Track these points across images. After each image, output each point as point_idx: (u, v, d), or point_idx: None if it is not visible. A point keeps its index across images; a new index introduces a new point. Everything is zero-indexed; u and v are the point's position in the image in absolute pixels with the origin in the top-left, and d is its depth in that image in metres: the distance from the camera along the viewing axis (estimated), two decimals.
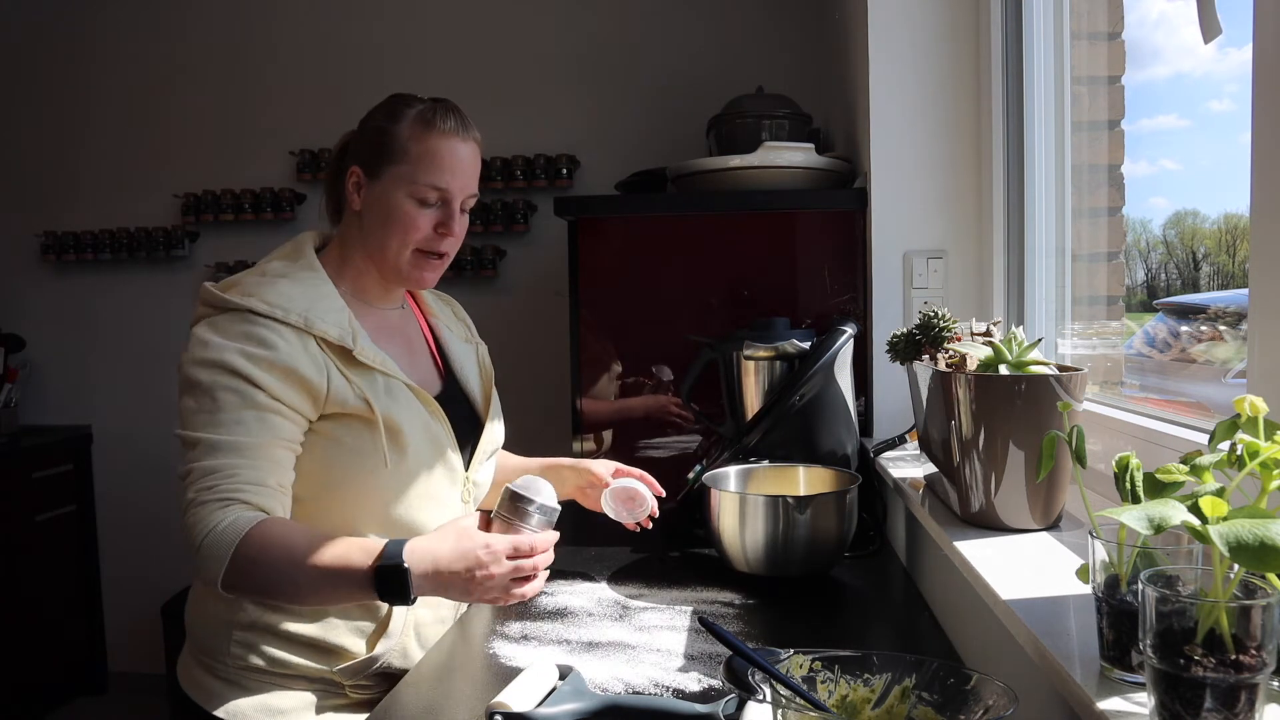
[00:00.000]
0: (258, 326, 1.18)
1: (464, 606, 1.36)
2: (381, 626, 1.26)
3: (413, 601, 1.09)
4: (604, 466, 1.52)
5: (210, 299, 1.23)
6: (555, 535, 1.17)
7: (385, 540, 1.11)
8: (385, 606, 1.26)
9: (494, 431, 1.45)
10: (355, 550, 1.10)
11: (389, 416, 1.23)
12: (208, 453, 1.13)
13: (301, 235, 1.37)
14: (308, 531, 1.13)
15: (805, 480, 1.53)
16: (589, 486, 1.50)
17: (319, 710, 1.25)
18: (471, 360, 1.49)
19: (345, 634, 1.25)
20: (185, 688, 1.27)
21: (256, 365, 1.16)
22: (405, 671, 1.17)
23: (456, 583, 1.09)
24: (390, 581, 1.07)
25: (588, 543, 1.63)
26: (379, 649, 1.25)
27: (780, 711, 0.73)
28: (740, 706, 0.91)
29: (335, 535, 1.13)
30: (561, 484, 1.50)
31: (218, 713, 1.22)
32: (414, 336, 1.44)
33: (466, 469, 1.36)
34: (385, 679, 1.26)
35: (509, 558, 1.10)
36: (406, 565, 1.07)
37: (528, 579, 1.13)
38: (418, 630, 1.30)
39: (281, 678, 1.24)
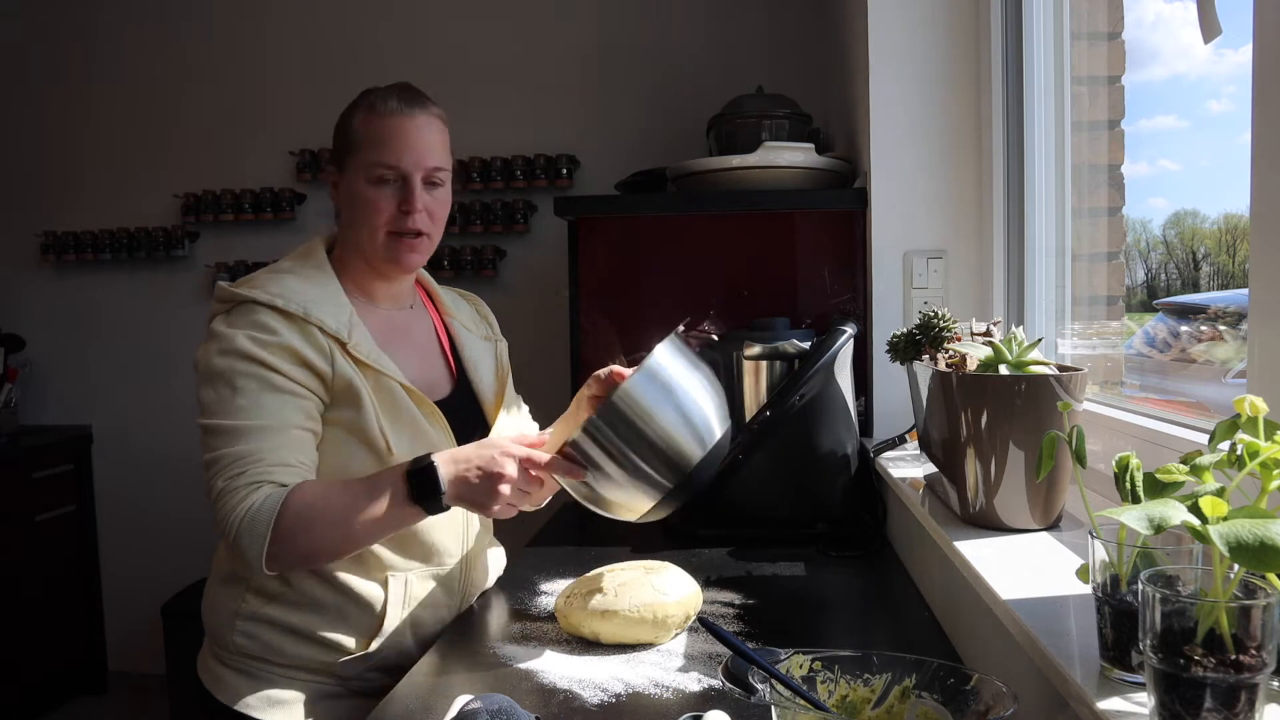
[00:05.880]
0: (260, 315, 1.22)
1: (463, 604, 1.37)
2: (378, 623, 1.27)
3: (446, 504, 1.13)
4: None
5: (221, 295, 1.27)
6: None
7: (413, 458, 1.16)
8: (380, 602, 1.28)
9: (498, 433, 1.44)
10: (385, 473, 1.16)
11: (383, 418, 1.26)
12: (232, 439, 1.16)
13: (315, 238, 1.40)
14: (335, 480, 1.19)
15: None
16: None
17: (320, 700, 1.27)
18: (488, 359, 1.49)
19: (342, 629, 1.27)
20: (201, 677, 1.31)
21: (265, 349, 1.20)
22: (406, 665, 1.18)
23: (475, 477, 1.12)
24: (423, 484, 1.12)
25: (588, 543, 1.63)
26: (375, 645, 1.27)
27: (780, 711, 0.73)
28: None
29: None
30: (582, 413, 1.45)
31: (222, 699, 1.26)
32: (424, 338, 1.44)
33: None
34: (385, 672, 1.28)
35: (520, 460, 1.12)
36: (434, 461, 1.12)
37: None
38: (415, 628, 1.31)
39: (284, 668, 1.27)
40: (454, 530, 1.36)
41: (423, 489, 1.12)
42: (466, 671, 1.12)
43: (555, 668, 1.09)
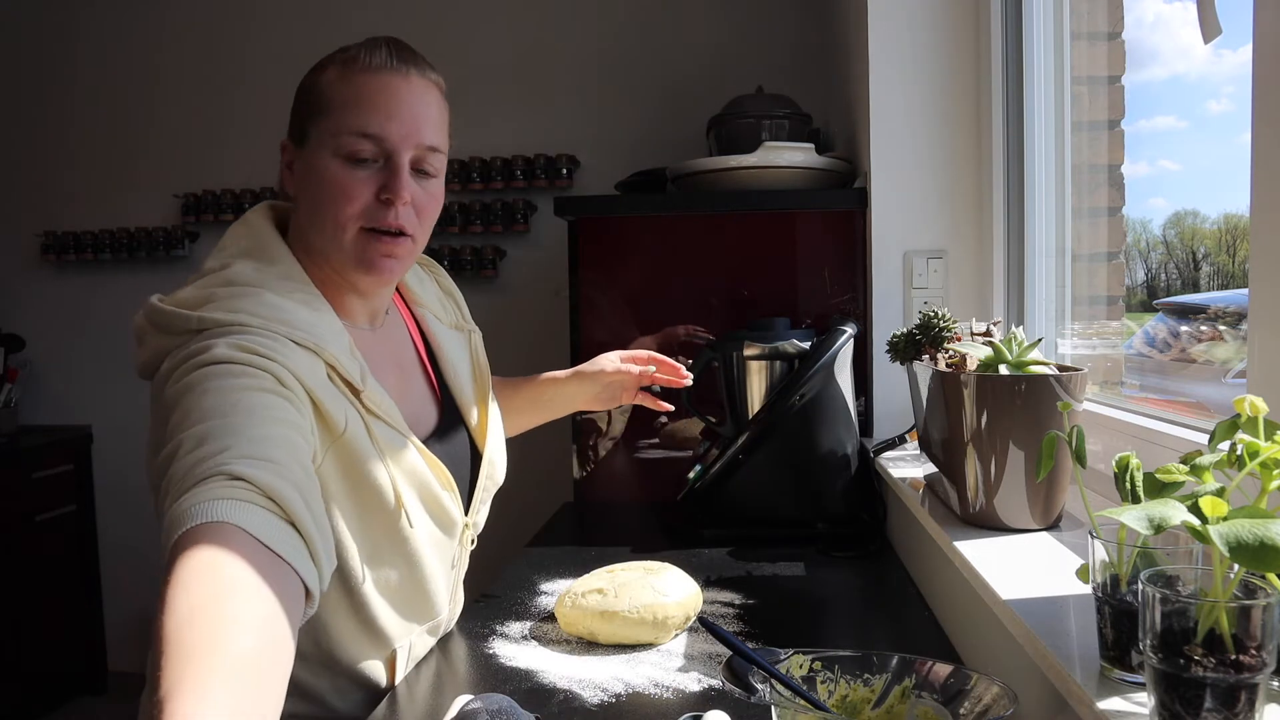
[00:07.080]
0: (250, 336, 0.88)
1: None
2: (377, 698, 1.06)
3: None
4: (608, 362, 1.40)
5: (167, 323, 0.91)
6: None
7: None
8: (384, 678, 1.07)
9: (492, 464, 1.20)
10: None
11: (396, 483, 0.99)
12: (191, 446, 0.76)
13: (252, 216, 1.07)
14: (226, 575, 0.67)
15: None
16: (604, 390, 1.41)
17: None
18: (464, 360, 1.23)
19: (350, 698, 1.06)
20: None
21: (254, 355, 0.86)
22: None
23: None
24: None
25: (588, 543, 1.63)
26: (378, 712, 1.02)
27: (780, 711, 0.73)
28: None
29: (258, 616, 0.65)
30: (571, 400, 1.43)
31: None
32: (403, 355, 1.15)
33: (466, 512, 1.15)
34: None
35: None
36: None
37: None
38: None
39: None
40: (445, 576, 1.14)
41: None
42: (466, 671, 1.11)
43: (555, 668, 1.09)
